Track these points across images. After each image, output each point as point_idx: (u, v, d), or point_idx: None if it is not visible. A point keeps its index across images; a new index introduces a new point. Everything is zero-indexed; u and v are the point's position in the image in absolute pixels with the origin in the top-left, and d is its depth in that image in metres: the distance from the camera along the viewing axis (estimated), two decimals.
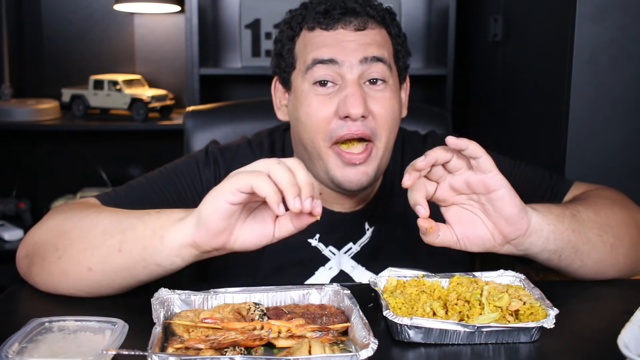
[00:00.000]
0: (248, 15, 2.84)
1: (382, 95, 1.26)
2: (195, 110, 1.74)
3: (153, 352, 0.81)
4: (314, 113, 1.25)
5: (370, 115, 1.24)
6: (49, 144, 3.13)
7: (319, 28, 1.27)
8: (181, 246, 1.00)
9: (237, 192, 0.94)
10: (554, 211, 1.12)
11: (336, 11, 1.26)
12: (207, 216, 0.96)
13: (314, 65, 1.24)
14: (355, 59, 1.24)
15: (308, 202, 0.93)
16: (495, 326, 0.92)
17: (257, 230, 1.00)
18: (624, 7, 1.69)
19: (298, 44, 1.30)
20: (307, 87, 1.26)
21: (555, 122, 1.82)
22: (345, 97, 1.22)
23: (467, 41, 2.77)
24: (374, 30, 1.28)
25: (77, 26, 3.10)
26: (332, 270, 1.35)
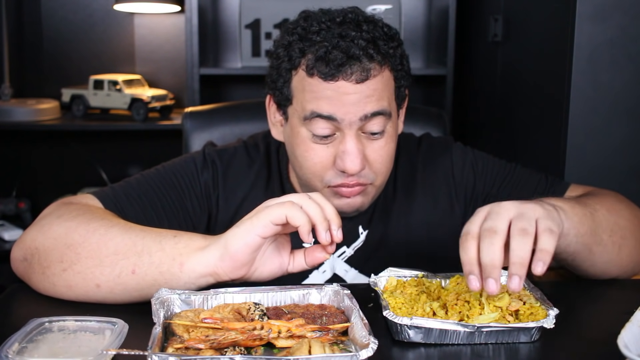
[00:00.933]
0: (248, 15, 2.84)
1: (379, 145, 1.25)
2: (193, 111, 1.74)
3: (153, 352, 0.81)
4: (311, 159, 1.24)
5: (367, 165, 1.24)
6: (49, 144, 3.13)
7: (318, 76, 1.19)
8: (201, 275, 1.01)
9: (270, 225, 0.97)
10: (577, 212, 1.10)
11: (337, 61, 1.17)
12: (236, 249, 0.98)
13: (313, 118, 1.21)
14: (355, 116, 1.20)
15: (340, 232, 1.01)
16: (495, 326, 0.92)
17: (275, 262, 1.03)
18: (624, 7, 1.69)
19: (295, 81, 1.24)
20: (305, 132, 1.24)
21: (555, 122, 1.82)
22: (343, 152, 1.21)
23: (467, 41, 2.77)
24: (375, 77, 1.21)
25: (77, 26, 3.10)
26: (325, 273, 1.35)
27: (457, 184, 1.39)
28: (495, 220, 0.95)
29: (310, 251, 1.05)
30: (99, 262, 1.04)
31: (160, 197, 1.30)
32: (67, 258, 1.06)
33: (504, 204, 0.98)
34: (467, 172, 1.40)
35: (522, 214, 0.95)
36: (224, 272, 1.00)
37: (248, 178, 1.37)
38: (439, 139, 1.48)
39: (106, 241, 1.05)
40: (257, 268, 1.02)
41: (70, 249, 1.06)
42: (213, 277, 1.01)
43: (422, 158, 1.42)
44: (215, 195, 1.35)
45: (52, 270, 1.07)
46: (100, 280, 1.04)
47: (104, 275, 1.04)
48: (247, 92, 3.08)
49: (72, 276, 1.05)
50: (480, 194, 1.39)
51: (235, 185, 1.37)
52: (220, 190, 1.36)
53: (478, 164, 1.41)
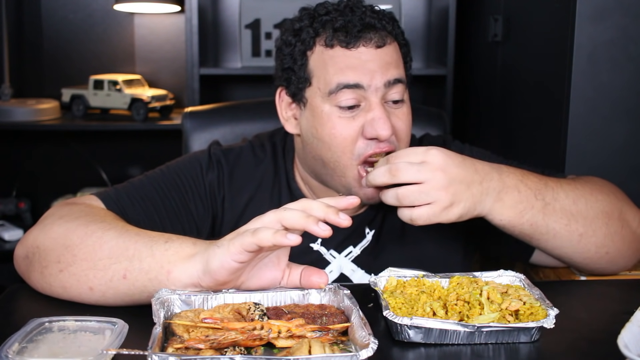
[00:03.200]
0: (248, 15, 2.84)
1: (402, 112, 1.28)
2: (193, 111, 1.74)
3: (153, 352, 0.81)
4: (339, 134, 1.24)
5: (395, 133, 1.26)
6: (49, 144, 3.13)
7: (339, 46, 1.24)
8: (186, 285, 0.99)
9: (244, 252, 0.93)
10: (520, 206, 1.17)
11: (355, 28, 1.24)
12: (215, 269, 0.96)
13: (339, 90, 1.23)
14: (380, 82, 1.24)
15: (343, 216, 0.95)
16: (495, 326, 0.92)
17: (267, 276, 1.00)
18: (624, 7, 1.69)
19: (313, 60, 1.27)
20: (329, 108, 1.25)
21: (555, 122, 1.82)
22: (372, 119, 1.23)
23: (467, 41, 2.77)
24: (391, 45, 1.28)
25: (77, 26, 3.10)
26: (332, 273, 1.35)
27: None
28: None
29: (307, 273, 1.01)
30: (93, 265, 1.04)
31: (163, 198, 1.29)
32: (64, 259, 1.06)
33: None
34: None
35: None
36: (207, 285, 0.98)
37: (254, 178, 1.37)
38: (437, 137, 1.49)
39: (101, 244, 1.05)
40: (245, 282, 0.99)
41: (68, 250, 1.07)
42: (197, 287, 0.99)
43: None
44: (221, 196, 1.35)
45: (50, 270, 1.07)
46: (93, 284, 1.04)
47: (96, 278, 1.03)
48: (247, 92, 3.08)
49: (67, 277, 1.05)
50: None
51: (241, 186, 1.36)
52: (225, 190, 1.35)
53: None
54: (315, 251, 1.35)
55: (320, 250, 1.35)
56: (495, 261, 1.49)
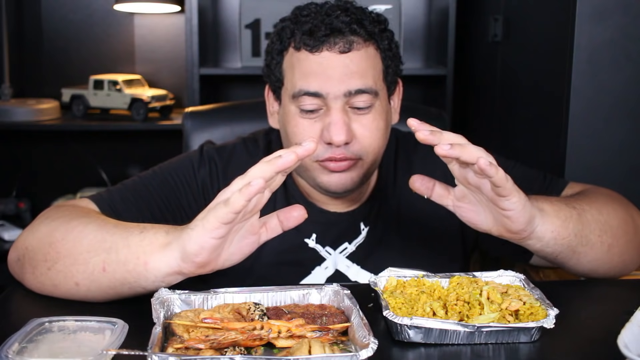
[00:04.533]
0: (248, 15, 2.84)
1: (367, 119, 1.26)
2: (194, 111, 1.74)
3: (153, 352, 0.81)
4: (299, 134, 1.26)
5: (355, 140, 1.25)
6: (49, 144, 3.13)
7: (305, 49, 1.25)
8: (166, 274, 0.99)
9: (221, 226, 0.92)
10: (561, 215, 1.12)
11: (321, 32, 1.24)
12: (195, 252, 0.94)
13: (301, 96, 1.25)
14: (339, 91, 1.23)
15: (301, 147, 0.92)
16: (495, 326, 0.92)
17: (244, 244, 0.99)
18: (624, 7, 1.69)
19: (285, 61, 1.30)
20: (294, 109, 1.27)
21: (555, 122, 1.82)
22: (329, 124, 1.23)
23: (467, 41, 2.77)
24: (359, 51, 1.25)
25: (77, 26, 3.10)
26: (327, 269, 1.35)
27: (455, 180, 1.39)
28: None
29: (285, 213, 1.00)
30: (74, 260, 1.04)
31: (156, 197, 1.30)
32: (50, 257, 1.06)
33: None
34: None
35: None
36: (189, 271, 0.97)
37: None
38: None
39: (81, 238, 1.05)
40: (227, 259, 0.98)
41: (52, 247, 1.07)
42: (180, 274, 0.98)
43: (419, 155, 1.43)
44: (214, 192, 1.35)
45: (39, 269, 1.07)
46: (78, 279, 1.04)
47: (79, 273, 1.03)
48: (247, 92, 3.08)
49: (55, 274, 1.06)
50: None
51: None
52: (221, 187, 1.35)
53: None
54: (310, 248, 1.35)
55: (316, 247, 1.35)
56: (495, 261, 1.49)
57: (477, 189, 1.05)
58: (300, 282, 1.34)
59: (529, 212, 1.05)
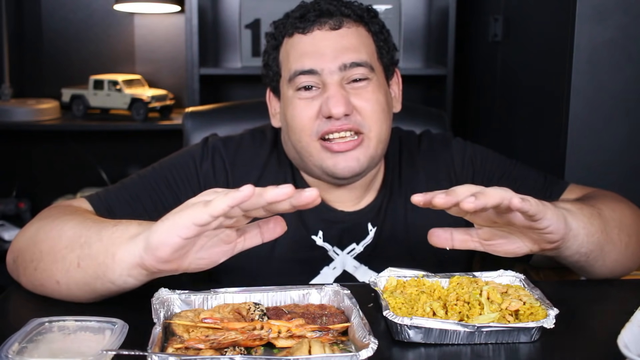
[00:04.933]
0: (248, 15, 2.84)
1: (364, 90, 1.28)
2: (194, 111, 1.74)
3: (153, 352, 0.81)
4: (298, 114, 1.28)
5: (355, 111, 1.26)
6: (49, 144, 3.13)
7: (297, 33, 1.30)
8: (131, 266, 0.95)
9: (192, 227, 0.87)
10: (585, 212, 1.12)
11: (311, 14, 1.29)
12: (156, 246, 0.90)
13: (296, 76, 1.28)
14: (334, 66, 1.26)
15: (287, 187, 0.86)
16: (495, 326, 0.92)
17: (215, 251, 0.95)
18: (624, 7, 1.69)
19: (281, 53, 1.33)
20: (292, 93, 1.29)
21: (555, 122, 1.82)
22: (327, 98, 1.25)
23: (467, 41, 2.77)
24: (350, 29, 1.30)
25: (77, 26, 3.10)
26: (335, 270, 1.35)
27: (458, 178, 1.40)
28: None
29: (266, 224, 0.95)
30: (54, 258, 1.04)
31: (153, 196, 1.30)
32: (35, 257, 1.06)
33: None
34: (466, 166, 1.41)
35: None
36: (150, 264, 0.93)
37: (256, 165, 1.38)
38: (438, 135, 1.49)
39: (60, 235, 1.05)
40: (193, 262, 0.93)
41: (37, 246, 1.07)
42: (143, 268, 0.94)
43: (423, 154, 1.43)
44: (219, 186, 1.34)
45: (28, 270, 1.08)
46: (58, 277, 1.03)
47: (59, 270, 1.03)
48: (247, 92, 3.08)
49: (40, 274, 1.05)
50: None
51: (244, 174, 1.36)
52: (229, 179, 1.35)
53: (477, 158, 1.42)
54: (319, 247, 1.35)
55: (325, 246, 1.35)
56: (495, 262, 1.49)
57: (507, 224, 1.01)
58: (310, 282, 1.34)
59: (562, 217, 1.03)
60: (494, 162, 1.41)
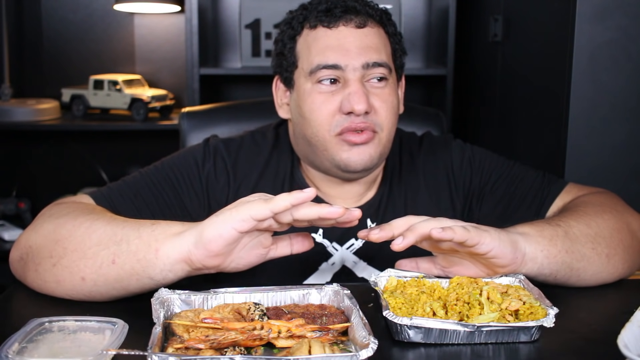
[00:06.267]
0: (248, 15, 2.84)
1: (382, 91, 1.29)
2: (190, 111, 1.74)
3: (153, 352, 0.81)
4: (317, 108, 1.28)
5: (373, 110, 1.28)
6: (49, 144, 3.13)
7: (321, 26, 1.30)
8: (175, 261, 1.00)
9: (249, 220, 0.95)
10: (546, 234, 1.13)
11: (337, 9, 1.30)
12: (210, 238, 0.96)
13: (319, 70, 1.28)
14: (357, 62, 1.27)
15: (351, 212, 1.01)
16: (495, 326, 0.92)
17: (253, 254, 1.02)
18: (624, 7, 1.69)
19: (300, 43, 1.33)
20: (310, 86, 1.29)
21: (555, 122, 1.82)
22: (349, 94, 1.26)
23: (467, 41, 2.77)
24: (373, 29, 1.31)
25: (77, 26, 3.10)
26: (334, 265, 1.36)
27: (456, 180, 1.41)
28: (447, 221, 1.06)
29: (297, 238, 1.06)
30: (83, 255, 1.05)
31: (156, 194, 1.30)
32: (56, 253, 1.07)
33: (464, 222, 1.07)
34: (464, 167, 1.42)
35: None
36: (197, 259, 0.98)
37: (257, 167, 1.38)
38: (439, 137, 1.50)
39: (90, 233, 1.06)
40: (234, 260, 1.01)
41: (59, 244, 1.07)
42: (187, 263, 0.99)
43: (423, 156, 1.44)
44: (219, 187, 1.35)
45: (43, 266, 1.08)
46: (85, 273, 1.04)
47: (87, 267, 1.04)
48: (247, 92, 3.08)
49: (60, 271, 1.06)
50: (476, 189, 1.40)
51: (245, 176, 1.37)
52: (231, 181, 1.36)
53: (475, 159, 1.43)
54: (318, 243, 1.36)
55: (324, 242, 1.36)
56: None
57: (454, 251, 1.09)
58: (308, 278, 1.34)
59: (508, 240, 1.07)
60: (492, 163, 1.42)
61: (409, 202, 1.40)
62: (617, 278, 1.21)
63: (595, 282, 1.19)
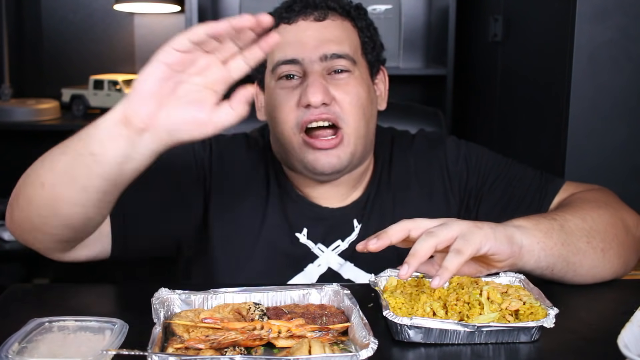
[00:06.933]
0: None
1: (344, 82, 1.29)
2: None
3: (153, 352, 0.81)
4: (279, 104, 1.29)
5: (334, 102, 1.27)
6: (49, 144, 3.10)
7: (282, 23, 1.31)
8: (113, 124, 0.98)
9: (172, 51, 0.97)
10: (542, 227, 1.13)
11: (297, 5, 1.31)
12: (140, 80, 0.96)
13: (278, 66, 1.29)
14: (315, 55, 1.27)
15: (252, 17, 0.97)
16: (495, 326, 0.92)
17: (192, 113, 0.99)
18: (624, 7, 1.70)
19: None
20: (274, 83, 1.31)
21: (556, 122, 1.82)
22: (306, 86, 1.26)
23: (467, 41, 2.77)
24: (335, 22, 1.31)
25: (77, 26, 3.10)
26: (320, 267, 1.35)
27: (451, 177, 1.39)
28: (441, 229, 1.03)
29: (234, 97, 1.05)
30: (41, 163, 1.10)
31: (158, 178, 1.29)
32: (24, 177, 1.13)
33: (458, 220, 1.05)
34: (460, 165, 1.40)
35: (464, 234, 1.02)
36: (132, 109, 0.96)
37: (245, 164, 1.39)
38: (432, 133, 1.49)
39: (47, 153, 1.11)
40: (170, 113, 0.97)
41: (26, 171, 1.14)
42: (124, 124, 0.97)
43: (416, 153, 1.42)
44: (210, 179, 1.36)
45: (18, 194, 1.14)
46: (43, 178, 1.07)
47: (43, 169, 1.08)
48: None
49: (27, 188, 1.10)
50: (473, 188, 1.39)
51: (231, 168, 1.38)
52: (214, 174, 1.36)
53: (472, 157, 1.41)
54: (302, 244, 1.35)
55: (308, 244, 1.35)
56: None
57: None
58: (293, 278, 1.33)
59: (504, 235, 1.06)
60: (489, 162, 1.41)
61: (397, 201, 1.38)
62: (613, 274, 1.21)
63: (591, 277, 1.19)
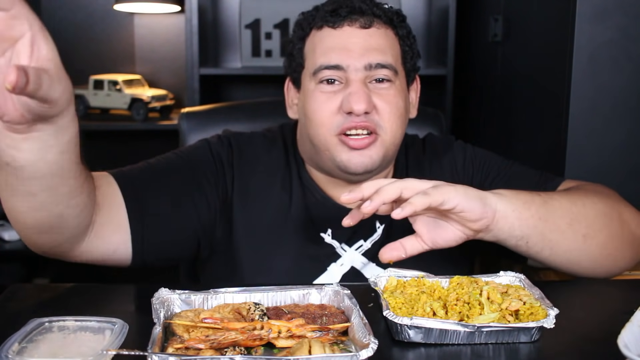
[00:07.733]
0: (248, 15, 2.84)
1: (386, 92, 1.30)
2: (190, 111, 1.74)
3: (153, 352, 0.81)
4: (318, 107, 1.29)
5: (374, 111, 1.28)
6: None
7: (327, 26, 1.31)
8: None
9: None
10: (521, 197, 1.15)
11: (343, 9, 1.30)
12: None
13: (321, 70, 1.29)
14: (360, 64, 1.28)
15: None
16: (495, 326, 0.92)
17: None
18: (624, 7, 1.70)
19: (307, 44, 1.35)
20: (314, 85, 1.31)
21: (555, 122, 1.82)
22: (349, 94, 1.27)
23: (467, 41, 2.77)
24: (379, 30, 1.32)
25: (77, 26, 3.10)
26: (343, 266, 1.36)
27: (461, 180, 1.42)
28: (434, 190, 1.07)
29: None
30: None
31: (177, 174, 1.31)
32: None
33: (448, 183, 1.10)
34: (467, 167, 1.44)
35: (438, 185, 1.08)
36: None
37: (264, 161, 1.40)
38: (441, 138, 1.52)
39: None
40: None
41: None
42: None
43: (428, 158, 1.45)
44: (230, 174, 1.37)
45: None
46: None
47: None
48: (247, 92, 3.08)
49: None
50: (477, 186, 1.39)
51: (251, 166, 1.38)
52: (235, 168, 1.37)
53: (476, 159, 1.45)
54: (327, 244, 1.36)
55: (333, 243, 1.36)
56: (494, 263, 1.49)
57: (428, 210, 1.09)
58: (317, 279, 1.34)
59: (475, 195, 1.09)
60: (491, 162, 1.44)
61: None
62: (593, 263, 1.21)
63: (567, 261, 1.20)
